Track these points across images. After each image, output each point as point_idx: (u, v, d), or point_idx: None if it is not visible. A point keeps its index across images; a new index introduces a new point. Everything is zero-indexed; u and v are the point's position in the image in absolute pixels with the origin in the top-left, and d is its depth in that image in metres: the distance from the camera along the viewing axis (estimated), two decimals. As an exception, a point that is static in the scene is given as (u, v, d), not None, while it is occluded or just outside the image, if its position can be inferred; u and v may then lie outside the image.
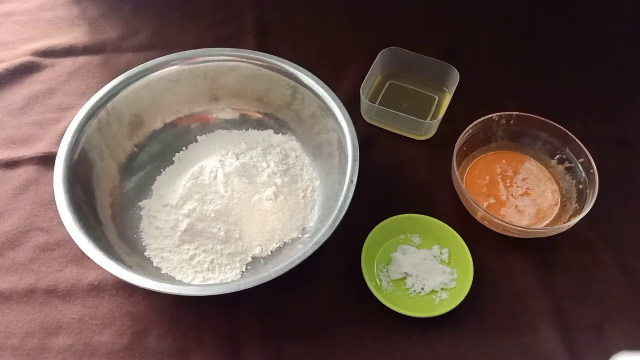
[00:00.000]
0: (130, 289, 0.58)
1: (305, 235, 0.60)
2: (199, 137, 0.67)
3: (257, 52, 0.66)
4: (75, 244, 0.51)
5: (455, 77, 0.70)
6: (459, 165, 0.64)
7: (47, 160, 0.67)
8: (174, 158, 0.66)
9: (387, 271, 0.59)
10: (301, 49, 0.79)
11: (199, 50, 0.65)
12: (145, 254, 0.58)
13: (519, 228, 0.59)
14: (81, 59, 0.77)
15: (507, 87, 0.75)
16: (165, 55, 0.76)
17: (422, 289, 0.58)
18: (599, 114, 0.73)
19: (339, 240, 0.60)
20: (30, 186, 0.65)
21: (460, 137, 0.63)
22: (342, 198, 0.55)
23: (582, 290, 0.59)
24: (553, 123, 0.65)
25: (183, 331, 0.56)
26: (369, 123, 0.71)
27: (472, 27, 0.81)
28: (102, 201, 0.59)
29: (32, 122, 0.71)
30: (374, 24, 0.82)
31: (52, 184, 0.64)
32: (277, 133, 0.68)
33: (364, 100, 0.68)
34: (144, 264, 0.57)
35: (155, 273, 0.57)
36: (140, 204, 0.62)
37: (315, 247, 0.51)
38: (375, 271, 0.59)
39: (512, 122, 0.66)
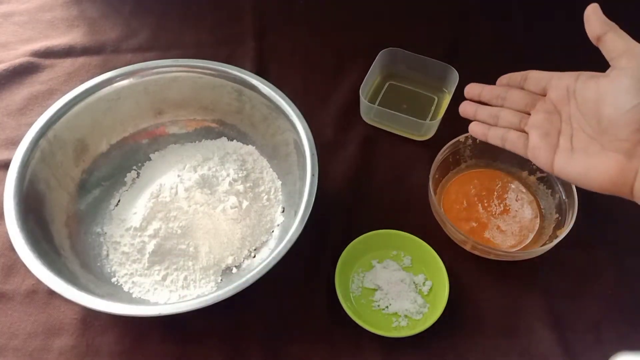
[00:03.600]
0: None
1: (273, 234, 0.60)
2: (152, 155, 0.66)
3: (195, 60, 0.64)
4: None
5: (454, 77, 0.70)
6: (435, 192, 0.62)
7: (47, 161, 0.67)
8: (125, 179, 0.64)
9: (363, 276, 0.59)
10: (301, 50, 0.79)
11: (135, 66, 0.63)
12: (113, 280, 0.57)
13: (506, 253, 0.58)
14: (80, 60, 0.77)
15: (505, 87, 0.75)
16: (164, 55, 0.77)
17: (387, 307, 0.57)
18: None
19: (337, 239, 0.61)
20: (31, 187, 0.65)
21: (432, 167, 0.61)
22: (306, 193, 0.54)
23: (578, 291, 0.59)
24: None
25: (184, 334, 0.56)
26: (368, 124, 0.71)
27: (472, 28, 0.82)
28: (58, 233, 0.57)
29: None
30: (374, 25, 0.82)
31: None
32: (231, 140, 0.67)
33: (364, 101, 0.69)
34: (114, 292, 0.55)
35: (127, 299, 0.55)
36: (99, 230, 0.60)
37: (289, 246, 0.51)
38: (352, 272, 0.59)
39: (478, 140, 0.62)
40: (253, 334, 0.56)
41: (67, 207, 0.60)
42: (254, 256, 0.59)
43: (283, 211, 0.62)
